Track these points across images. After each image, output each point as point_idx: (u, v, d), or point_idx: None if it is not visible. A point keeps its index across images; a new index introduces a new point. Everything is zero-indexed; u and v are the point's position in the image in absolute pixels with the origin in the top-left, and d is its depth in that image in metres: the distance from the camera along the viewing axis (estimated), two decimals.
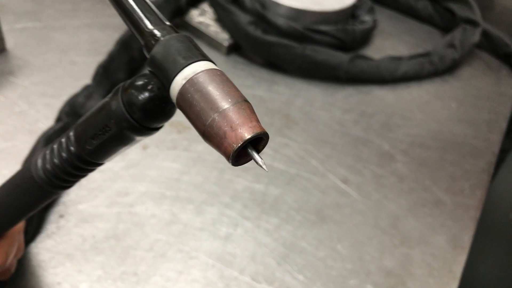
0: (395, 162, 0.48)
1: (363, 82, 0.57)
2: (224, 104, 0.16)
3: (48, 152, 0.22)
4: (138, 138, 0.19)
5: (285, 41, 0.53)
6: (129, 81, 0.19)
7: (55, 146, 0.21)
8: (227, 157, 0.16)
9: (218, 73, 0.17)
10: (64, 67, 0.49)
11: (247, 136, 0.16)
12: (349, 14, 0.63)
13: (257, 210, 0.40)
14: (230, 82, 0.17)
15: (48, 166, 0.21)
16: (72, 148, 0.20)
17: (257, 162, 0.17)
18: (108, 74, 0.47)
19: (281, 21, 0.56)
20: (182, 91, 0.17)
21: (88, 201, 0.37)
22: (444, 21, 0.70)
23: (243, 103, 0.17)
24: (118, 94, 0.19)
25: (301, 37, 0.56)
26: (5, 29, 0.49)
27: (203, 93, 0.16)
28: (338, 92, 0.55)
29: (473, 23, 0.64)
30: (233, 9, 0.55)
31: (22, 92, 0.45)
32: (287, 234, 0.39)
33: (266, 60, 0.56)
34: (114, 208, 0.37)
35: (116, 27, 0.56)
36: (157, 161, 0.42)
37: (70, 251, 0.34)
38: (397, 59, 0.59)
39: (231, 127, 0.16)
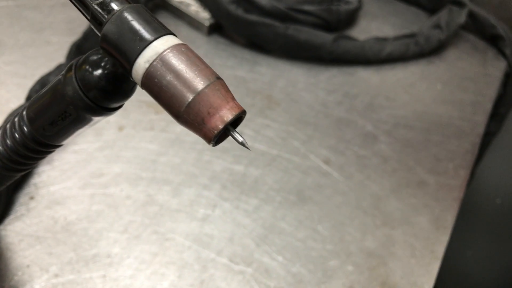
0: (378, 143, 0.47)
1: (347, 63, 0.56)
2: (198, 86, 0.15)
3: (3, 132, 0.20)
4: (96, 119, 0.18)
5: (267, 21, 0.52)
6: (83, 57, 0.18)
7: (7, 128, 0.20)
8: (208, 141, 0.16)
9: (183, 49, 0.16)
10: (38, 46, 0.47)
11: (227, 120, 0.15)
12: None
13: (236, 191, 0.39)
14: (198, 57, 0.16)
15: (1, 148, 0.20)
16: (24, 129, 0.19)
17: (239, 142, 0.16)
18: (82, 53, 0.45)
19: (263, 1, 0.54)
20: (147, 75, 0.15)
21: (60, 183, 0.36)
22: (431, 3, 0.69)
23: (217, 81, 0.15)
24: (72, 72, 0.17)
25: (284, 17, 0.55)
26: None
27: (172, 75, 0.15)
28: (321, 73, 0.54)
29: (459, 4, 0.63)
30: None
31: None
32: (267, 215, 0.38)
33: (248, 40, 0.55)
34: (87, 189, 0.36)
35: None
36: (133, 142, 0.41)
37: (41, 233, 0.33)
38: (382, 39, 0.58)
39: (208, 112, 0.15)
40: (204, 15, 0.55)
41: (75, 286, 0.31)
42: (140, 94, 0.44)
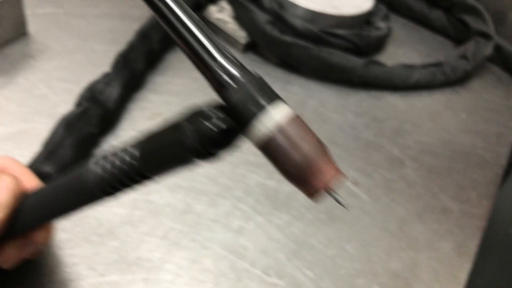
0: (404, 168, 0.48)
1: (375, 88, 0.58)
2: (309, 153, 0.18)
3: (104, 160, 0.22)
4: (201, 162, 0.20)
5: (301, 42, 0.54)
6: (199, 109, 0.20)
7: (113, 157, 0.22)
8: (309, 197, 0.18)
9: (297, 118, 0.18)
10: (84, 54, 0.50)
11: (330, 182, 0.18)
12: (365, 20, 0.64)
13: (269, 206, 0.41)
14: (306, 126, 0.19)
15: (103, 173, 0.22)
16: (134, 164, 0.21)
17: (340, 203, 0.19)
18: (127, 63, 0.47)
19: (298, 22, 0.57)
20: (265, 140, 0.18)
21: None
22: (457, 33, 0.71)
23: (324, 149, 0.18)
24: (190, 124, 0.19)
25: (316, 39, 0.57)
26: (27, 13, 0.50)
27: (287, 142, 0.18)
28: (351, 96, 0.56)
29: (486, 36, 0.65)
30: (252, 7, 0.56)
31: (42, 76, 0.46)
32: (298, 231, 0.39)
33: (282, 60, 0.57)
34: (130, 195, 0.38)
35: (135, 18, 0.56)
36: None
37: (87, 234, 0.35)
38: (410, 67, 0.60)
39: (316, 176, 0.17)
40: (240, 33, 0.57)
41: (120, 287, 0.32)
42: (179, 106, 0.46)
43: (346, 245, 0.39)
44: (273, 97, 0.18)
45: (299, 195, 0.41)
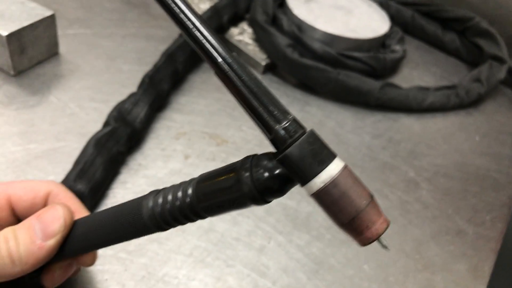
0: (420, 190, 0.50)
1: (391, 109, 0.59)
2: (361, 205, 0.19)
3: (160, 196, 0.23)
4: (253, 206, 0.22)
5: (320, 65, 0.56)
6: (257, 159, 0.21)
7: (169, 195, 0.23)
8: (361, 245, 0.20)
9: (349, 172, 0.20)
10: (111, 73, 0.52)
11: (381, 232, 0.19)
12: (381, 42, 0.66)
13: (289, 226, 0.42)
14: (358, 179, 0.20)
15: (158, 209, 0.23)
16: (189, 202, 0.22)
17: (384, 247, 0.20)
18: (154, 84, 0.49)
19: (316, 45, 0.58)
20: (320, 193, 0.19)
21: None
22: (470, 55, 0.73)
23: (372, 201, 0.20)
24: (249, 173, 0.21)
25: (334, 61, 0.58)
26: (58, 34, 0.52)
27: (341, 194, 0.19)
28: (367, 117, 0.57)
29: (500, 60, 0.66)
30: (272, 30, 0.58)
31: (73, 95, 0.48)
32: (317, 251, 0.41)
33: (301, 82, 0.58)
34: None
35: (160, 39, 0.59)
36: (197, 171, 0.44)
37: (116, 251, 0.36)
38: (425, 89, 0.61)
39: (367, 226, 0.19)
40: (260, 55, 0.59)
41: None
42: (203, 126, 0.48)
43: (364, 265, 0.41)
44: (326, 152, 0.20)
45: (319, 216, 0.43)
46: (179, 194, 0.23)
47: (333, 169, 0.19)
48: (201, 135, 0.48)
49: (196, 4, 0.65)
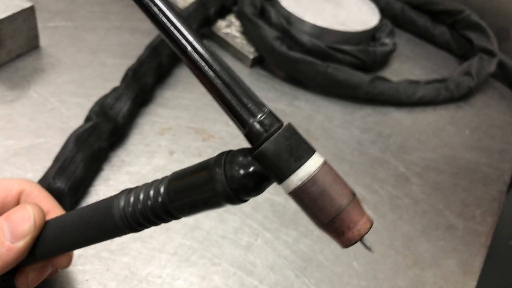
0: (410, 184, 0.49)
1: (381, 103, 0.58)
2: (342, 203, 0.18)
3: (132, 196, 0.22)
4: (228, 205, 0.20)
5: (309, 58, 0.55)
6: (230, 156, 0.20)
7: (141, 194, 0.22)
8: (343, 247, 0.18)
9: (328, 168, 0.18)
10: (94, 67, 0.50)
11: (363, 233, 0.18)
12: (370, 35, 0.65)
13: (277, 222, 0.41)
14: (338, 176, 0.19)
15: (129, 209, 0.22)
16: (161, 202, 0.21)
17: (367, 249, 0.19)
18: (137, 78, 0.48)
19: (305, 38, 0.57)
20: (298, 191, 0.18)
21: None
22: (461, 48, 0.72)
23: (354, 199, 0.18)
24: (222, 170, 0.19)
25: (323, 54, 0.57)
26: (39, 26, 0.50)
27: (320, 192, 0.18)
28: (356, 111, 0.56)
29: (490, 53, 0.66)
30: (260, 23, 0.57)
31: (54, 90, 0.46)
32: (306, 247, 0.40)
33: (289, 75, 0.57)
34: None
35: (145, 32, 0.57)
36: (183, 167, 0.43)
37: (98, 250, 0.35)
38: (415, 83, 0.60)
39: (348, 226, 0.18)
40: (248, 48, 0.58)
41: None
42: (189, 121, 0.47)
43: (353, 262, 0.40)
44: (304, 147, 0.18)
45: None
46: (151, 193, 0.21)
47: (312, 165, 0.18)
48: (187, 130, 0.47)
49: None
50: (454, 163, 0.53)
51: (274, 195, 0.43)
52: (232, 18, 0.62)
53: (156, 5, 0.19)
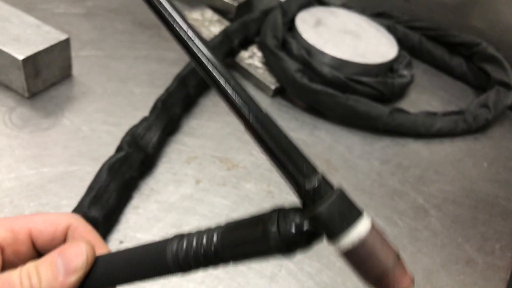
0: (429, 217, 0.50)
1: (399, 134, 0.59)
2: (387, 265, 0.19)
3: (185, 242, 0.23)
4: (279, 258, 0.21)
5: (330, 90, 0.56)
6: (288, 214, 0.21)
7: (194, 241, 0.23)
8: None
9: (376, 232, 0.20)
10: (123, 96, 0.52)
11: None
12: (389, 67, 0.66)
13: (300, 254, 0.42)
14: (385, 238, 0.20)
15: (182, 254, 0.23)
16: (213, 249, 0.22)
17: None
18: (166, 108, 0.50)
19: (325, 70, 0.59)
20: (349, 251, 0.19)
21: (145, 230, 0.40)
22: (477, 80, 0.73)
23: (399, 260, 0.20)
24: (275, 229, 0.20)
25: (343, 86, 0.59)
26: (71, 56, 0.53)
27: (370, 254, 0.19)
28: (376, 142, 0.58)
29: (507, 85, 0.67)
30: (282, 55, 0.58)
31: (85, 118, 0.48)
32: (328, 279, 0.41)
33: (310, 106, 0.59)
34: None
35: (171, 61, 0.59)
36: (209, 196, 0.44)
37: None
38: (433, 114, 0.61)
39: (393, 286, 0.19)
40: (270, 79, 0.60)
41: None
42: (214, 150, 0.48)
43: None
44: (354, 212, 0.20)
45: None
46: (204, 241, 0.23)
47: (361, 230, 0.19)
48: (212, 159, 0.48)
49: (206, 27, 0.65)
50: (472, 196, 0.54)
51: None
52: (254, 49, 0.64)
53: (224, 77, 0.21)
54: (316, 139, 0.55)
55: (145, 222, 0.40)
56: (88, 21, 0.62)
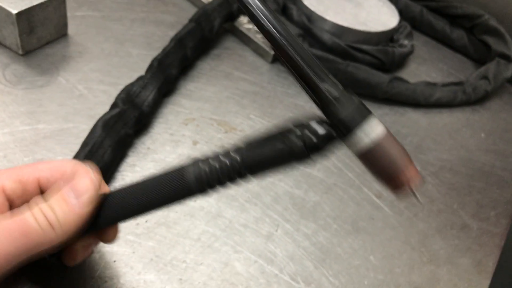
0: (426, 183, 0.50)
1: (398, 103, 0.59)
2: (401, 164, 0.22)
3: (205, 163, 0.25)
4: (299, 165, 0.24)
5: (330, 56, 0.56)
6: (308, 122, 0.23)
7: (216, 163, 0.24)
8: (396, 191, 0.23)
9: (387, 131, 0.23)
10: (120, 57, 0.51)
11: (416, 185, 0.22)
12: (389, 36, 0.65)
13: (296, 214, 0.42)
14: (394, 137, 0.23)
15: (204, 174, 0.24)
16: (235, 165, 0.24)
17: (417, 199, 0.23)
18: (162, 68, 0.49)
19: (326, 37, 0.58)
20: (366, 148, 0.22)
21: None
22: (478, 53, 0.72)
23: (407, 154, 0.23)
24: (299, 132, 0.23)
25: (343, 53, 0.58)
26: (67, 15, 0.51)
27: (383, 149, 0.22)
28: (374, 110, 0.56)
29: (507, 58, 0.66)
30: (283, 19, 0.57)
31: (81, 77, 0.47)
32: (324, 240, 0.41)
33: None
34: None
35: (169, 24, 0.58)
36: None
37: (124, 233, 0.36)
38: (432, 84, 0.61)
39: (404, 173, 0.22)
40: (269, 44, 0.59)
41: (156, 285, 0.34)
42: (211, 113, 0.48)
43: (370, 256, 0.41)
44: (372, 116, 0.22)
45: (326, 205, 0.43)
46: (228, 163, 0.24)
47: (378, 131, 0.22)
48: (210, 121, 0.48)
49: None
50: (469, 165, 0.54)
51: (294, 188, 0.44)
52: None
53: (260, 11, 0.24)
54: (314, 105, 0.55)
55: (142, 178, 0.40)
56: None
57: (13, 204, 0.26)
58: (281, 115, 0.51)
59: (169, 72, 0.49)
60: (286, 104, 0.53)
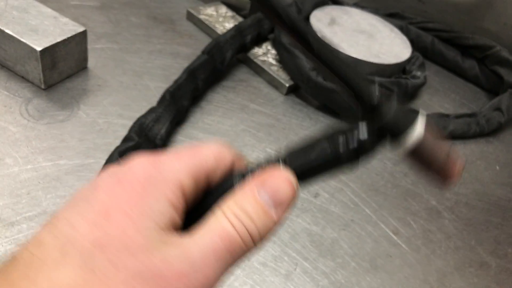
0: (442, 219, 0.50)
1: None
2: (446, 154, 0.22)
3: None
4: (347, 169, 0.24)
5: None
6: (352, 127, 0.23)
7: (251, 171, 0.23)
8: (444, 182, 0.23)
9: (431, 124, 0.23)
10: (138, 90, 0.52)
11: (462, 171, 0.23)
12: (402, 68, 0.66)
13: (315, 252, 0.42)
14: (437, 128, 0.24)
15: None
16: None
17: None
18: (175, 100, 0.49)
19: None
20: (415, 145, 0.22)
21: None
22: (490, 83, 0.73)
23: (451, 146, 0.23)
24: (347, 146, 0.23)
25: None
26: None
27: (430, 148, 0.22)
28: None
29: None
30: (297, 52, 0.58)
31: (101, 111, 0.48)
32: (343, 278, 0.41)
33: (323, 104, 0.59)
34: None
35: (185, 56, 0.59)
36: None
37: None
38: (446, 116, 0.61)
39: (453, 164, 0.23)
40: (284, 76, 0.59)
41: None
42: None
43: None
44: (413, 113, 0.23)
45: (343, 243, 0.43)
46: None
47: (422, 124, 0.22)
48: None
49: (220, 23, 0.65)
50: (485, 199, 0.54)
51: (311, 225, 0.44)
52: (268, 46, 0.64)
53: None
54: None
55: None
56: (103, 13, 0.62)
57: (187, 201, 0.22)
58: None
59: (181, 104, 0.50)
60: (301, 137, 0.53)
